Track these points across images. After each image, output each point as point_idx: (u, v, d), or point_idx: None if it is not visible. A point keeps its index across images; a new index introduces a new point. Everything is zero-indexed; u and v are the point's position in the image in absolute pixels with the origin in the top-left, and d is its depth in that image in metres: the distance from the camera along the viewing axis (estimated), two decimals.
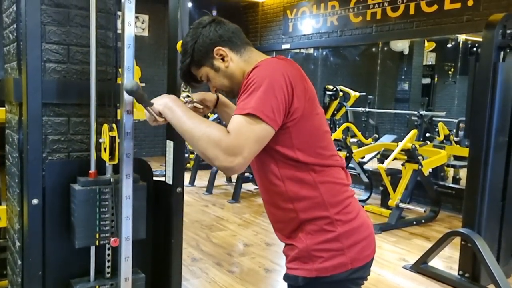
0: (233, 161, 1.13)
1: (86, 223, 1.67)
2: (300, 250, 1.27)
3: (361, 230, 1.31)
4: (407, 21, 6.02)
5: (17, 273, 1.85)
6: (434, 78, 8.45)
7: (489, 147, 3.12)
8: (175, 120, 1.24)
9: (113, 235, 1.71)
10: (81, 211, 1.66)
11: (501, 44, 3.09)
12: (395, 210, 4.70)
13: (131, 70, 1.57)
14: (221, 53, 1.32)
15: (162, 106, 1.27)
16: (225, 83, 1.36)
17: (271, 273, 3.43)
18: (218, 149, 1.13)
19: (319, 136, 1.28)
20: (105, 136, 1.66)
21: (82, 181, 1.69)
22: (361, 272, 1.30)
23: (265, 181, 1.31)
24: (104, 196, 1.70)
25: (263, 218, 4.86)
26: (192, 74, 1.39)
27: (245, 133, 1.14)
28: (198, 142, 1.17)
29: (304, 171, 1.25)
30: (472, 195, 3.20)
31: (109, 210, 1.71)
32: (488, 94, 3.08)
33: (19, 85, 1.71)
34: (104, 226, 1.70)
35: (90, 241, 1.69)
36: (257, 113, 1.13)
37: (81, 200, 1.66)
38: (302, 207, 1.26)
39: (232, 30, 1.35)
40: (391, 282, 3.30)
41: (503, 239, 3.34)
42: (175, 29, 1.81)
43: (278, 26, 8.30)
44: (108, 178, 1.73)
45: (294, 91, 1.19)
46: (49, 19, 1.72)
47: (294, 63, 1.29)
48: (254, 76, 1.19)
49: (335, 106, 7.08)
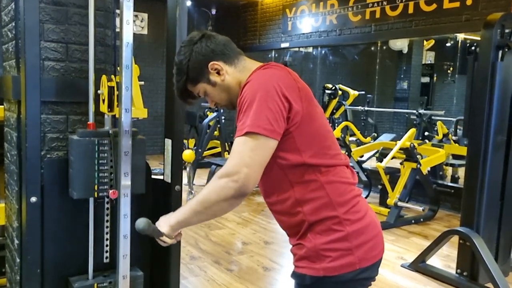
0: (239, 176, 1.15)
1: (85, 174, 1.66)
2: (308, 249, 1.27)
3: (369, 230, 1.30)
4: (406, 20, 6.02)
5: (15, 271, 1.85)
6: (433, 77, 8.46)
7: (487, 146, 3.13)
8: (184, 217, 1.28)
9: (112, 187, 1.69)
10: (79, 162, 1.65)
11: (500, 43, 3.09)
12: (394, 209, 4.71)
13: (129, 68, 1.58)
14: (216, 67, 1.33)
15: (167, 225, 1.31)
16: (223, 96, 1.37)
17: (269, 272, 3.43)
18: (221, 180, 1.17)
19: (322, 136, 1.28)
20: (104, 88, 1.64)
21: (80, 132, 1.68)
22: (369, 272, 1.29)
23: (273, 190, 1.31)
24: (103, 147, 1.68)
25: (262, 216, 4.87)
26: (189, 91, 1.40)
27: (241, 150, 1.16)
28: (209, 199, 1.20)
29: (311, 173, 1.26)
30: (470, 194, 3.20)
31: (108, 163, 1.69)
32: (486, 93, 3.08)
33: (17, 83, 1.71)
34: (103, 178, 1.69)
35: (88, 192, 1.68)
36: (253, 129, 1.16)
37: (80, 151, 1.65)
38: (310, 209, 1.26)
39: (223, 42, 1.36)
40: (389, 280, 3.31)
41: (501, 238, 3.34)
42: (174, 27, 1.81)
43: (277, 25, 8.29)
44: (107, 130, 1.72)
45: (288, 97, 1.20)
46: (48, 17, 1.72)
47: (283, 68, 1.29)
48: (245, 93, 1.21)
49: (334, 105, 7.08)
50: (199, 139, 6.77)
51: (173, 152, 1.89)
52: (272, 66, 1.29)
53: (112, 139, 1.68)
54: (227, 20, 9.01)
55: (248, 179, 1.15)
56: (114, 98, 1.63)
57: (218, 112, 6.61)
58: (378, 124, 7.88)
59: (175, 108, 1.86)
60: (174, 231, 1.32)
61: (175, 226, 1.30)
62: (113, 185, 1.69)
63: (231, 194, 1.16)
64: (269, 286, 3.21)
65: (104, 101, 1.65)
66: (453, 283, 3.26)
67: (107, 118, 1.74)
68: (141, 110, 4.91)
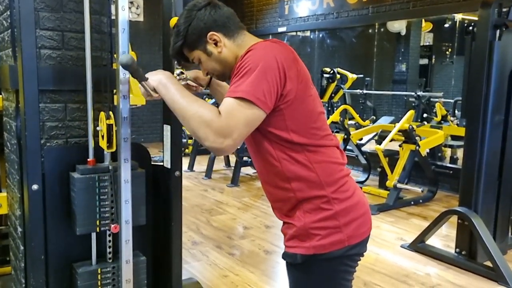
0: (223, 143, 1.16)
1: (87, 211, 1.70)
2: (298, 228, 1.30)
3: (357, 208, 1.33)
4: (404, 1, 5.97)
5: (20, 258, 1.87)
6: (432, 59, 8.43)
7: (485, 126, 3.14)
8: (168, 98, 1.26)
9: (113, 221, 1.73)
10: (81, 199, 1.69)
11: (497, 22, 3.08)
12: (393, 191, 4.74)
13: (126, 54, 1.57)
14: (215, 38, 1.32)
15: (157, 82, 1.28)
16: (217, 67, 1.37)
17: (271, 255, 3.47)
18: (208, 130, 1.16)
19: (313, 117, 1.29)
20: (102, 124, 1.66)
21: (81, 169, 1.71)
22: (357, 248, 1.33)
23: (262, 162, 1.33)
24: (103, 183, 1.72)
25: (262, 201, 4.91)
26: (184, 54, 1.39)
27: (236, 116, 1.16)
28: (189, 121, 1.19)
29: (299, 151, 1.27)
30: (468, 174, 3.23)
31: (109, 197, 1.73)
32: (484, 73, 3.08)
33: (15, 72, 1.71)
34: (104, 213, 1.73)
35: (90, 228, 1.72)
36: (248, 97, 1.15)
37: (81, 188, 1.68)
38: (299, 186, 1.28)
39: (227, 15, 1.34)
40: (389, 261, 3.35)
41: (499, 217, 3.38)
42: (169, 14, 1.80)
43: (274, 9, 8.23)
44: (107, 165, 1.75)
45: (287, 74, 1.20)
46: (43, 5, 1.71)
47: (287, 46, 1.29)
48: (247, 59, 1.20)
49: (332, 88, 7.06)
50: None
51: (172, 138, 1.90)
52: (277, 41, 1.29)
53: (112, 174, 1.71)
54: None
55: (229, 149, 1.17)
56: (113, 134, 1.64)
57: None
58: (377, 107, 7.88)
59: None
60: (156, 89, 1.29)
61: (161, 88, 1.27)
62: (114, 219, 1.73)
63: (205, 144, 1.17)
64: (271, 269, 3.25)
65: (104, 137, 1.66)
66: (452, 262, 3.31)
67: (107, 154, 1.75)
68: (139, 97, 4.90)
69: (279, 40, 1.31)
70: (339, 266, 1.32)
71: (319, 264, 1.30)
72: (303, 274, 1.33)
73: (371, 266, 3.22)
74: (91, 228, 1.72)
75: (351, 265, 1.35)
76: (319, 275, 1.32)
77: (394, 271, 3.19)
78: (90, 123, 1.74)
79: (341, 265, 1.33)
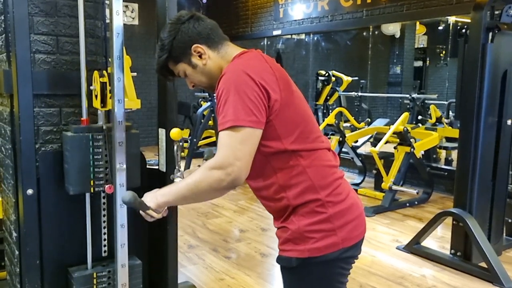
0: (233, 170, 1.16)
1: (80, 170, 1.67)
2: (293, 232, 1.30)
3: (351, 211, 1.34)
4: (398, 4, 6.00)
5: (15, 263, 1.87)
6: (426, 61, 8.47)
7: (478, 128, 3.16)
8: (173, 200, 1.29)
9: (107, 182, 1.71)
10: (74, 158, 1.66)
11: (489, 25, 3.10)
12: (389, 193, 4.75)
13: (120, 59, 1.59)
14: (199, 51, 1.34)
15: (154, 202, 1.30)
16: (203, 79, 1.38)
17: (267, 258, 3.47)
18: (214, 172, 1.17)
19: (303, 121, 1.30)
20: (96, 84, 1.65)
21: (74, 128, 1.69)
22: (352, 251, 1.33)
23: (258, 177, 1.33)
24: (97, 143, 1.69)
25: (258, 204, 4.90)
26: (169, 68, 1.40)
27: (229, 143, 1.17)
28: (199, 187, 1.21)
29: (293, 158, 1.28)
30: (463, 176, 3.25)
31: (103, 158, 1.71)
32: (477, 75, 3.10)
33: (9, 76, 1.71)
34: (99, 173, 1.71)
35: (84, 187, 1.70)
36: (237, 123, 1.17)
37: (74, 146, 1.66)
38: (294, 193, 1.29)
39: (210, 27, 1.36)
40: (385, 263, 3.36)
41: (494, 218, 3.39)
42: (164, 17, 1.81)
43: (269, 12, 8.25)
44: (101, 125, 1.73)
45: (267, 86, 1.21)
46: (37, 10, 1.71)
47: (260, 56, 1.30)
48: (221, 87, 1.22)
49: (327, 91, 7.09)
50: (194, 129, 6.78)
51: (167, 142, 1.90)
52: (248, 54, 1.30)
53: (106, 133, 1.69)
54: (218, 8, 8.94)
55: (240, 172, 1.17)
56: (107, 93, 1.63)
57: (212, 102, 6.61)
58: (372, 109, 7.91)
59: (168, 97, 1.87)
60: (160, 208, 1.33)
61: (162, 206, 1.32)
62: (109, 179, 1.70)
63: (223, 186, 1.18)
64: (267, 272, 3.25)
65: (97, 96, 1.65)
66: (448, 264, 3.32)
67: (101, 114, 1.74)
68: (134, 101, 4.89)
69: (252, 51, 1.32)
70: (334, 268, 1.33)
71: (313, 267, 1.31)
72: (298, 277, 1.33)
73: (367, 268, 3.23)
74: (85, 188, 1.70)
75: (345, 267, 1.35)
76: (313, 278, 1.32)
77: (390, 273, 3.19)
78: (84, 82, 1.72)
79: (336, 268, 1.33)
